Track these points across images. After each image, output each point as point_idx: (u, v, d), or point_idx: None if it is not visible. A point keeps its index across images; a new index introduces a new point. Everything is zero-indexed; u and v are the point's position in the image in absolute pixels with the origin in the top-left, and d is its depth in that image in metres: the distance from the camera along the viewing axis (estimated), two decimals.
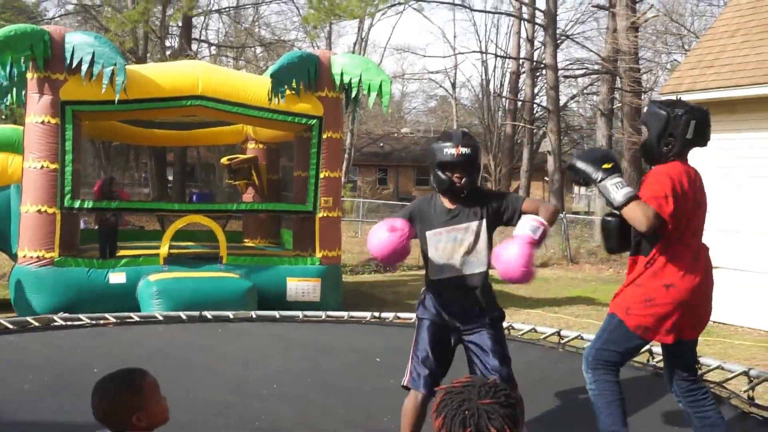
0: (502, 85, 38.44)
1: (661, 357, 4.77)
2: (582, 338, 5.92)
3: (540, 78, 33.80)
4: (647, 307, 3.69)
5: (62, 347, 5.57)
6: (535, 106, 33.32)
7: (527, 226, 3.70)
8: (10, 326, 6.01)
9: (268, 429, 4.39)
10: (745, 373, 4.30)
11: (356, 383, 5.17)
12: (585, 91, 35.89)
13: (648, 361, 5.16)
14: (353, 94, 10.65)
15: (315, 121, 10.50)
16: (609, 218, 3.80)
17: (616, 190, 3.60)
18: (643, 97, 21.13)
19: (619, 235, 3.77)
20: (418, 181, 44.47)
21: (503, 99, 35.55)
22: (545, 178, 31.55)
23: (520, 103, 33.94)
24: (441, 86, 40.85)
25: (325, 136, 10.58)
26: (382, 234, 3.72)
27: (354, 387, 5.13)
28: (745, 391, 4.29)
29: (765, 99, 10.36)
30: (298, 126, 10.70)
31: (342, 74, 10.51)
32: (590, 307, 12.75)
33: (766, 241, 10.50)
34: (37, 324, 6.09)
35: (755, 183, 10.65)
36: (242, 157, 13.54)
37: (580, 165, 3.72)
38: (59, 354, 5.43)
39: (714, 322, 11.10)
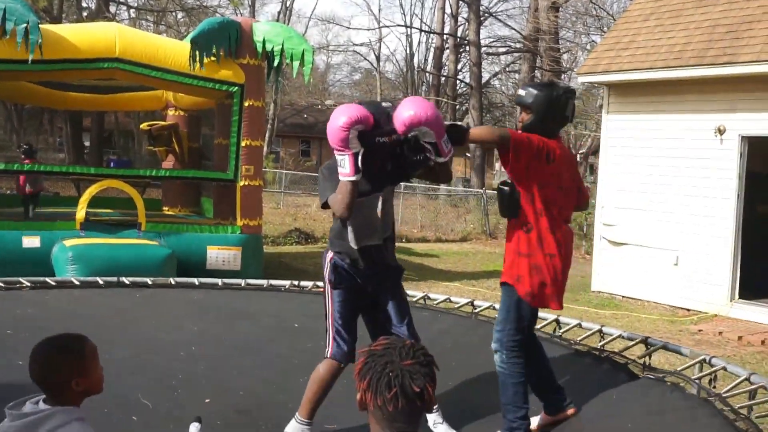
0: (426, 60, 38.78)
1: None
2: (494, 308, 6.09)
3: (463, 54, 34.15)
4: (534, 275, 3.91)
5: None
6: (458, 82, 33.67)
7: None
8: None
9: (184, 386, 4.44)
10: (643, 342, 4.54)
11: (273, 346, 5.25)
12: (507, 69, 36.39)
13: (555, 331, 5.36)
14: (275, 63, 10.58)
15: (236, 88, 10.41)
16: (503, 186, 3.99)
17: (450, 137, 3.71)
18: (563, 77, 21.55)
19: (510, 202, 3.95)
20: None
21: (427, 74, 35.77)
22: (467, 154, 31.93)
23: (443, 79, 34.23)
24: (366, 59, 40.83)
25: (246, 104, 10.50)
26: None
27: (271, 349, 5.20)
28: (640, 357, 4.53)
29: (676, 82, 10.76)
30: (219, 93, 10.60)
31: (264, 42, 10.43)
32: (495, 281, 13.05)
33: (672, 219, 10.95)
34: None
35: (664, 163, 11.07)
36: (162, 123, 13.33)
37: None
38: None
39: (623, 296, 11.55)
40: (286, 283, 6.33)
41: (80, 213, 9.74)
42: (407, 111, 3.54)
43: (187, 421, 3.69)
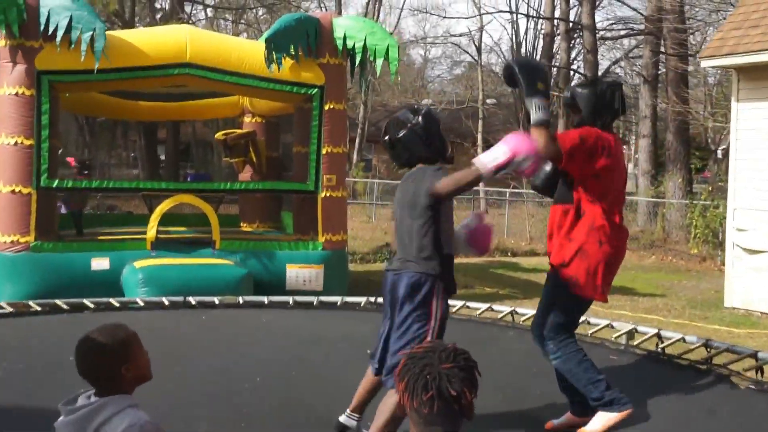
0: (534, 49, 38.48)
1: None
2: (612, 326, 6.13)
3: (577, 41, 33.86)
4: (581, 260, 4.48)
5: (37, 334, 5.90)
6: (571, 72, 33.35)
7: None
8: None
9: (248, 420, 4.73)
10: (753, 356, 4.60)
11: (344, 373, 5.49)
12: (630, 55, 35.83)
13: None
14: (358, 60, 10.88)
15: (316, 90, 10.76)
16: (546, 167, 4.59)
17: (536, 111, 4.41)
18: (690, 61, 21.17)
19: (547, 178, 4.64)
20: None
21: None
22: None
23: (555, 69, 34.00)
24: (465, 51, 40.84)
25: (327, 107, 10.83)
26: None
27: (341, 377, 5.44)
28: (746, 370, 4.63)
29: None
30: (297, 96, 10.97)
31: (345, 38, 10.75)
32: (626, 297, 12.97)
33: None
34: (11, 309, 6.44)
35: None
36: (238, 132, 13.81)
37: (519, 73, 4.45)
38: (34, 340, 5.76)
39: (761, 313, 11.31)
40: (362, 300, 6.55)
41: (151, 232, 10.25)
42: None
43: None
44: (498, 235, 21.59)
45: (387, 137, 4.66)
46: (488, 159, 4.06)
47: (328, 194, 10.93)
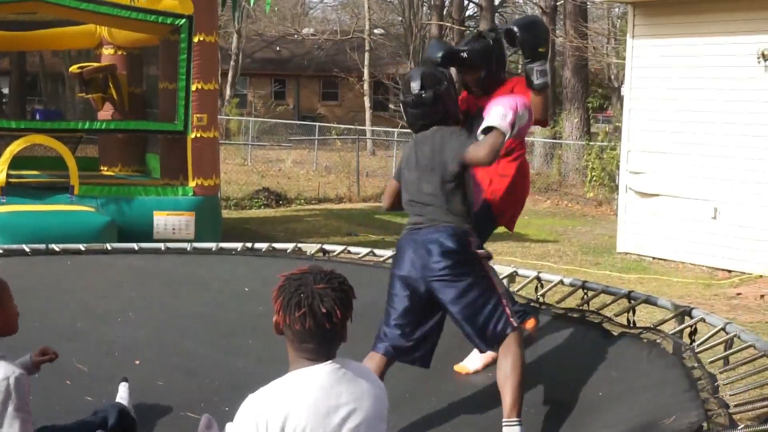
0: None
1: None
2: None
3: None
4: (511, 194, 5.10)
5: None
6: (466, 1, 33.96)
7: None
8: None
9: (123, 351, 5.12)
10: (626, 296, 5.19)
11: (221, 311, 5.95)
12: None
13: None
14: None
15: (183, 20, 10.87)
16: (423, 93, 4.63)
17: (537, 77, 4.79)
18: None
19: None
20: (324, 95, 44.88)
21: None
22: None
23: None
24: None
25: (196, 40, 10.97)
26: None
27: (218, 314, 5.91)
28: (617, 315, 5.23)
29: None
30: (162, 27, 11.07)
31: None
32: (516, 243, 13.66)
33: (709, 164, 11.52)
34: None
35: (699, 96, 11.62)
36: (96, 65, 13.79)
37: (520, 36, 4.83)
38: None
39: (653, 258, 12.17)
40: (238, 245, 6.93)
41: (0, 175, 10.29)
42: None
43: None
44: (385, 178, 22.15)
45: (423, 92, 4.56)
46: (497, 119, 4.24)
47: (198, 135, 11.11)
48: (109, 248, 7.03)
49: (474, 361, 5.10)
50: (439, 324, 4.57)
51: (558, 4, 25.37)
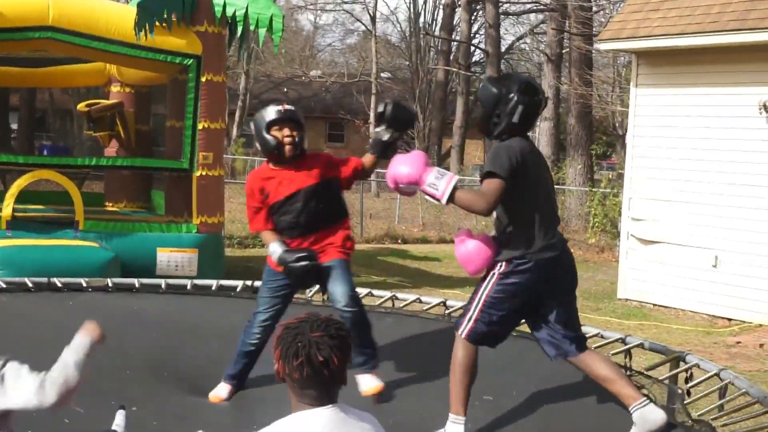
0: (434, 20, 39.30)
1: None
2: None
3: (479, 13, 34.74)
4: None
5: None
6: (472, 47, 34.24)
7: None
8: None
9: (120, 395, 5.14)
10: (621, 341, 5.22)
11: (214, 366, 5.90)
12: (535, 30, 37.01)
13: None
14: (239, 31, 11.21)
15: (192, 60, 11.05)
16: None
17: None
18: (595, 42, 22.17)
19: None
20: (330, 136, 45.14)
21: (435, 38, 36.41)
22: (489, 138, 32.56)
23: (455, 44, 34.84)
24: (359, 20, 41.37)
25: (204, 79, 11.14)
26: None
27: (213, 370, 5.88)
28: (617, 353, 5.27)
29: (713, 49, 11.42)
30: (171, 66, 11.24)
31: (225, 6, 11.08)
32: None
33: (710, 212, 11.58)
34: None
35: (701, 146, 11.72)
36: (105, 102, 13.93)
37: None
38: None
39: (653, 305, 12.20)
40: (239, 283, 6.98)
41: (6, 210, 10.38)
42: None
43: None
44: (388, 220, 22.23)
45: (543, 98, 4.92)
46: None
47: (203, 173, 11.25)
48: (110, 284, 7.09)
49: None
50: None
51: (563, 51, 25.59)
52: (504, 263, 4.70)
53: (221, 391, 5.53)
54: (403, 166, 4.71)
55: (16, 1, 10.59)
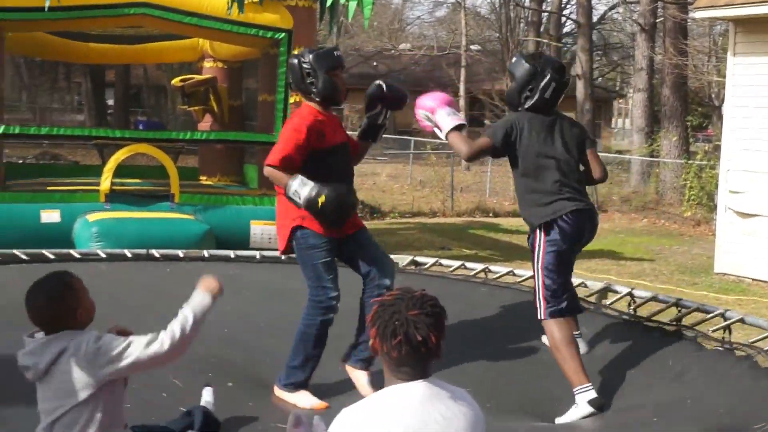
0: None
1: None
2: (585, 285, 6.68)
3: None
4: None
5: None
6: (563, 18, 33.79)
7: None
8: None
9: (214, 369, 5.24)
10: (721, 315, 5.15)
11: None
12: (628, 0, 36.26)
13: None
14: (329, 3, 11.23)
15: (283, 34, 11.10)
16: None
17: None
18: (690, 10, 21.68)
19: None
20: None
21: (525, 9, 35.98)
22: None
23: (545, 15, 34.41)
24: None
25: (295, 53, 11.17)
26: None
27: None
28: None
29: None
30: (262, 40, 11.32)
31: None
32: (612, 261, 13.56)
33: None
34: None
35: None
36: (198, 78, 14.12)
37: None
38: None
39: (752, 279, 11.92)
40: None
41: (105, 183, 10.62)
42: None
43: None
44: (479, 194, 22.13)
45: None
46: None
47: None
48: (206, 255, 7.21)
49: None
50: None
51: (657, 21, 25.04)
52: (539, 229, 5.12)
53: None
54: (429, 99, 5.48)
55: None
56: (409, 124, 42.23)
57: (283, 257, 7.29)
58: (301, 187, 4.92)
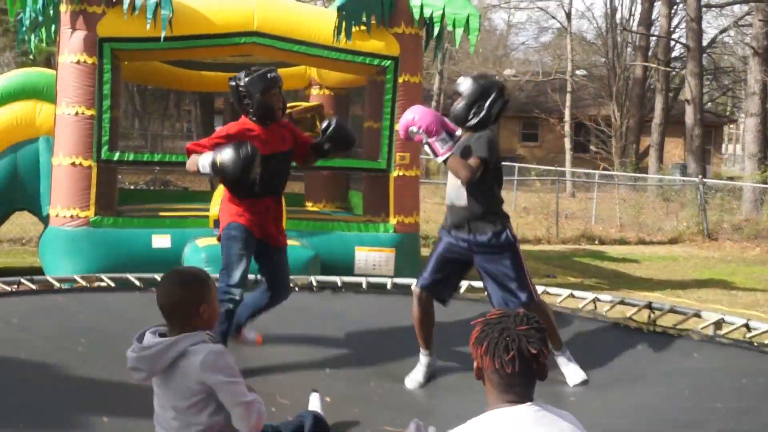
0: (631, 15, 38.33)
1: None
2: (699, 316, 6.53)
3: (679, 6, 33.69)
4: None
5: (109, 309, 6.55)
6: (672, 42, 33.25)
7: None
8: (56, 284, 7.06)
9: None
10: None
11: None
12: (740, 23, 35.52)
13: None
14: (436, 31, 11.29)
15: (390, 62, 11.21)
16: None
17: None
18: None
19: None
20: (523, 135, 44.76)
21: (632, 33, 35.53)
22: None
23: (653, 39, 33.93)
24: (553, 17, 40.76)
25: (401, 80, 11.28)
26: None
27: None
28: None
29: None
30: (369, 68, 11.44)
31: (422, 7, 11.17)
32: (723, 291, 13.22)
33: None
34: (84, 284, 7.09)
35: None
36: (305, 104, 14.30)
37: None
38: (105, 317, 6.41)
39: None
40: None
41: (214, 209, 10.81)
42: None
43: None
44: (584, 221, 21.87)
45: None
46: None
47: (400, 173, 11.39)
48: (313, 282, 7.29)
49: None
50: None
51: None
52: (506, 233, 5.82)
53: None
54: (427, 117, 5.65)
55: (224, 9, 11.07)
56: (513, 150, 42.10)
57: (388, 284, 7.38)
58: (204, 159, 5.62)
